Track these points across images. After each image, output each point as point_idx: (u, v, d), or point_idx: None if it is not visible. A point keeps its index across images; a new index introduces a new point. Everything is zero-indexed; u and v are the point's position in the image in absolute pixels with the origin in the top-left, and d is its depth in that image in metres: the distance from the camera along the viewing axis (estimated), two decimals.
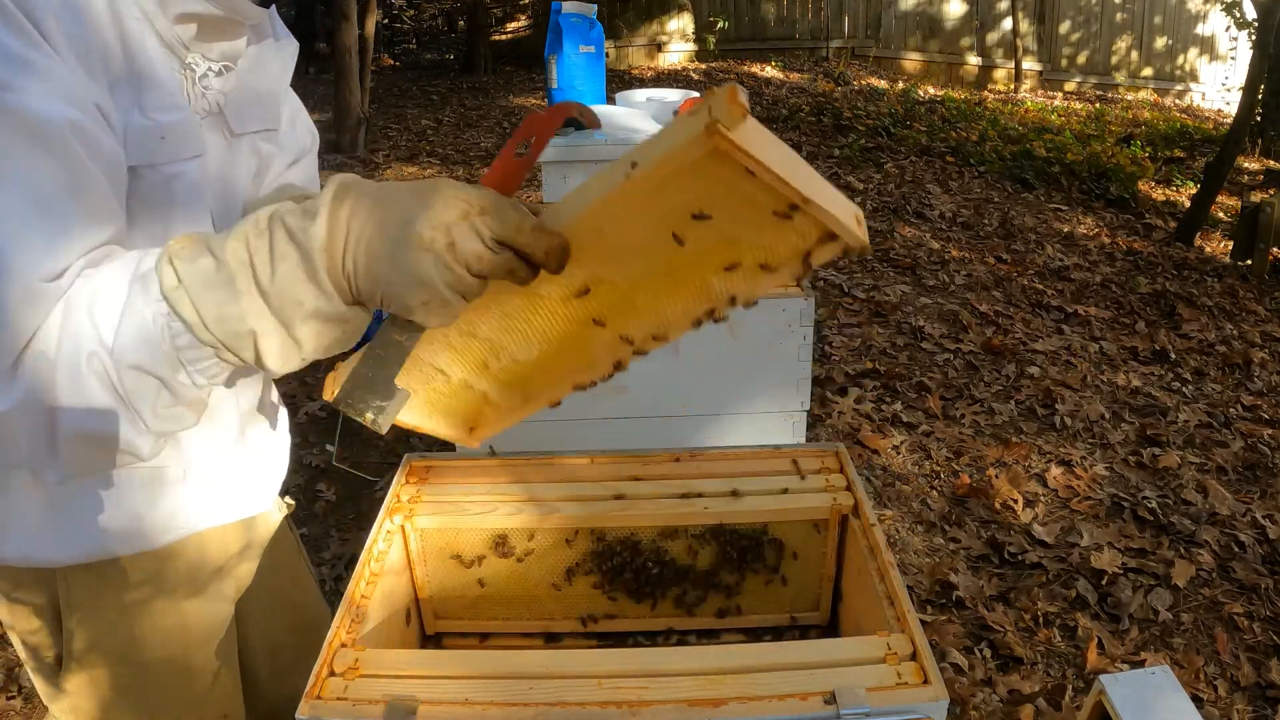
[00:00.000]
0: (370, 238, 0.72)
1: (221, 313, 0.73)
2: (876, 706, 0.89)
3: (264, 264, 0.72)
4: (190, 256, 0.73)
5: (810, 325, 1.92)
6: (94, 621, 1.05)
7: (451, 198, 0.72)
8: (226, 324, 0.73)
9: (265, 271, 0.72)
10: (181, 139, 0.91)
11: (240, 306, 0.73)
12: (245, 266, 0.72)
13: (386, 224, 0.72)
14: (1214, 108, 10.30)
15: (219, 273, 0.73)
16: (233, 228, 0.75)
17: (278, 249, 0.72)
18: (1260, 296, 5.08)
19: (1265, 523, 2.95)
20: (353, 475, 3.15)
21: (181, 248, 0.75)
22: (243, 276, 0.72)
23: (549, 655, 1.06)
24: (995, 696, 2.27)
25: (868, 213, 6.00)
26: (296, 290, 0.73)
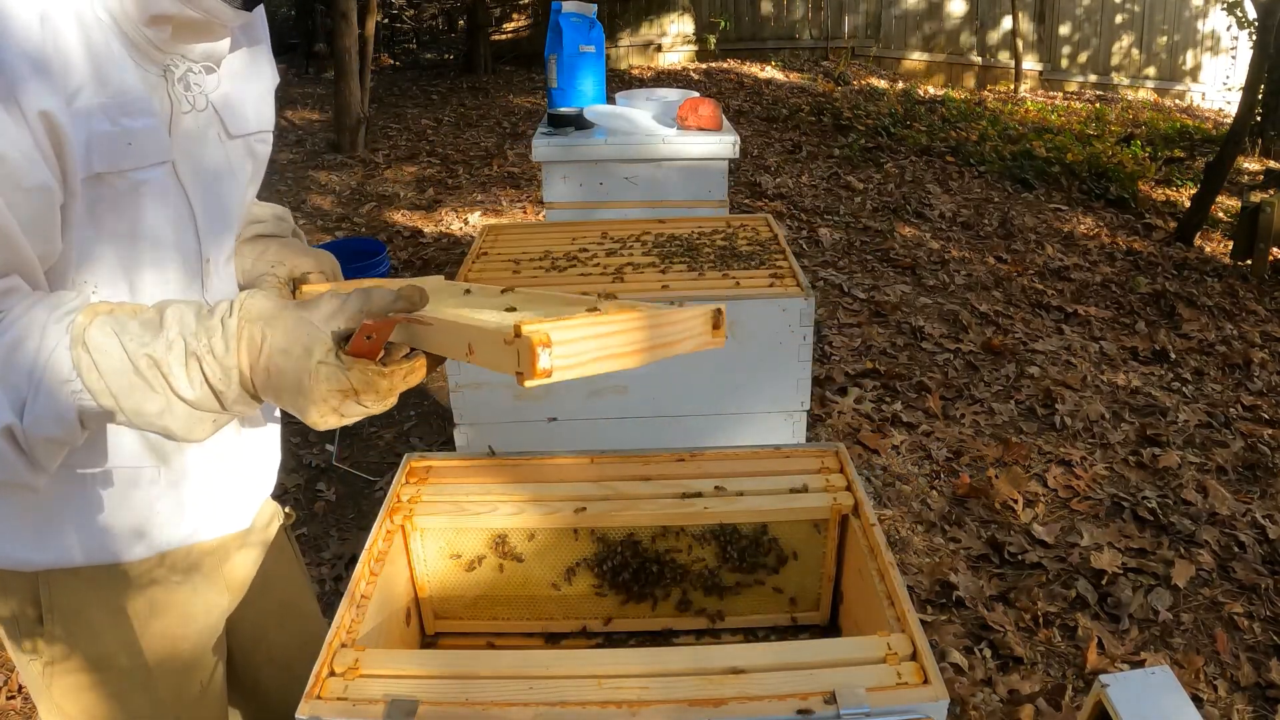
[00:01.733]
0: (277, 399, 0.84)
1: (141, 409, 0.82)
2: (876, 706, 0.89)
3: (181, 383, 0.81)
4: (102, 346, 0.80)
5: (810, 325, 1.92)
6: (76, 626, 1.05)
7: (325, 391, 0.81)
8: (143, 417, 0.82)
9: (184, 388, 0.82)
10: (149, 145, 0.90)
11: (159, 406, 0.82)
12: (160, 377, 0.81)
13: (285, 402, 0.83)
14: (1214, 108, 10.30)
15: (135, 375, 0.80)
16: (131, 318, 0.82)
17: (194, 378, 0.82)
18: (1260, 296, 5.08)
19: (1265, 523, 2.95)
20: (353, 475, 3.15)
21: (90, 329, 0.80)
22: (159, 385, 0.81)
23: (549, 655, 1.06)
24: (995, 696, 2.27)
25: (868, 212, 6.00)
26: (211, 405, 0.84)
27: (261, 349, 0.81)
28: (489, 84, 9.96)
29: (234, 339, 0.81)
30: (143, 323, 0.82)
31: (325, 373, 0.80)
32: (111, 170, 0.88)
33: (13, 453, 0.81)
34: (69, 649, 1.06)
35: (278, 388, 0.82)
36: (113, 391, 0.80)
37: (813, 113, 8.20)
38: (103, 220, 0.89)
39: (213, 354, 0.81)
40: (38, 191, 0.82)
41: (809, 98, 8.74)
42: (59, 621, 1.05)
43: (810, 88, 9.27)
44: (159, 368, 0.80)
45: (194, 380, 0.81)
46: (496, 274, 2.07)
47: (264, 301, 0.84)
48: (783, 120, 8.03)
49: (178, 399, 0.81)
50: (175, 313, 0.83)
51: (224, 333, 0.82)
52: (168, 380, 0.81)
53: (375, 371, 0.81)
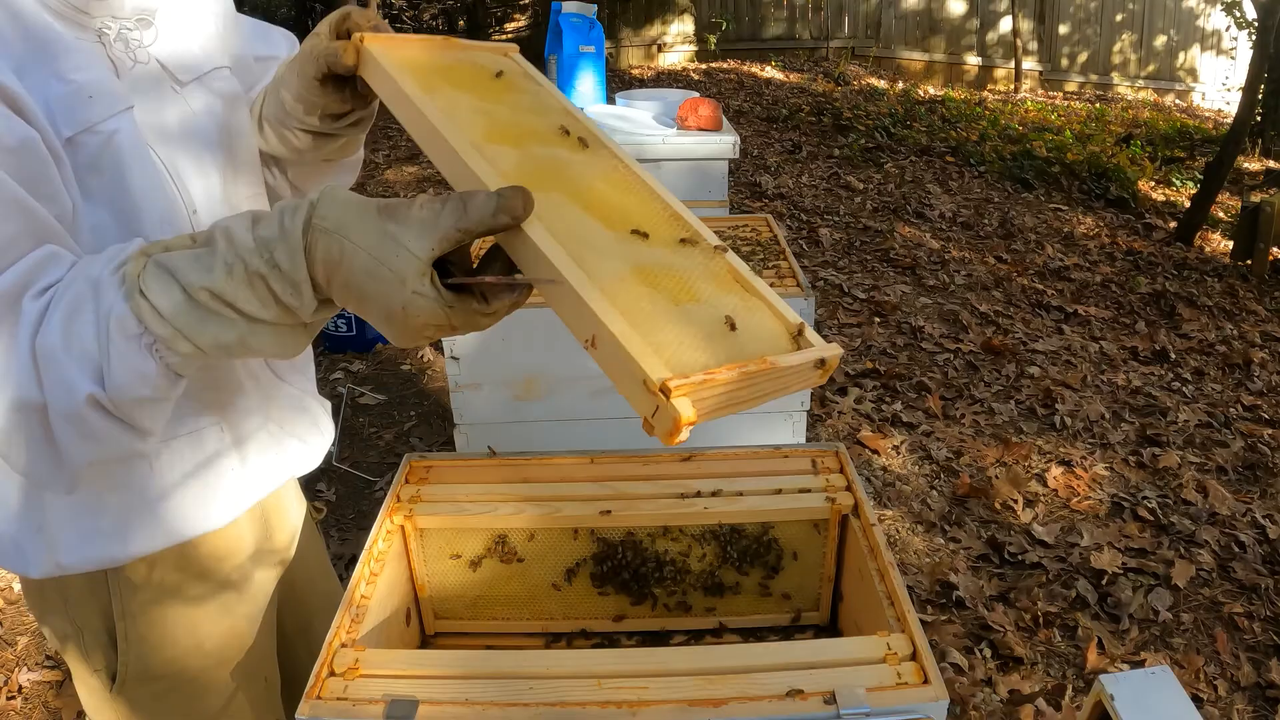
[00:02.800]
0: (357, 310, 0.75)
1: (219, 340, 0.75)
2: (876, 706, 0.89)
3: (250, 305, 0.74)
4: (159, 289, 0.74)
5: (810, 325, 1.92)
6: (148, 630, 1.04)
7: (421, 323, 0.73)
8: (225, 348, 0.76)
9: (255, 309, 0.74)
10: (108, 94, 0.88)
11: (238, 332, 0.75)
12: (227, 306, 0.74)
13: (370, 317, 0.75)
14: (1214, 108, 10.30)
15: (200, 310, 0.74)
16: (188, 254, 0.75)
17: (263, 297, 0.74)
18: (1260, 296, 5.08)
19: (1265, 523, 2.95)
20: (353, 475, 3.15)
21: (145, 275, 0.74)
22: (228, 311, 0.74)
23: (549, 655, 1.06)
24: (995, 696, 2.27)
25: (868, 212, 6.00)
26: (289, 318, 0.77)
27: (340, 264, 0.73)
28: None
29: (299, 250, 0.73)
30: (194, 255, 0.74)
31: (421, 306, 0.71)
32: (81, 129, 0.86)
33: (107, 422, 0.76)
34: (141, 656, 1.05)
35: (361, 307, 0.74)
36: (185, 334, 0.74)
37: (813, 113, 8.20)
38: (88, 184, 0.87)
39: (278, 269, 0.73)
40: (24, 149, 0.80)
41: (809, 98, 8.74)
42: (131, 627, 1.03)
43: (810, 88, 9.27)
44: (222, 298, 0.73)
45: (263, 299, 0.74)
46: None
47: (339, 205, 0.74)
48: (783, 120, 8.03)
49: (255, 322, 0.75)
50: (224, 233, 0.75)
51: (288, 244, 0.73)
52: (235, 307, 0.74)
53: (478, 310, 0.74)
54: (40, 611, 1.08)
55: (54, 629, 1.07)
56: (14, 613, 2.52)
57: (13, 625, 2.47)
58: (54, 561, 0.96)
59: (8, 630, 2.45)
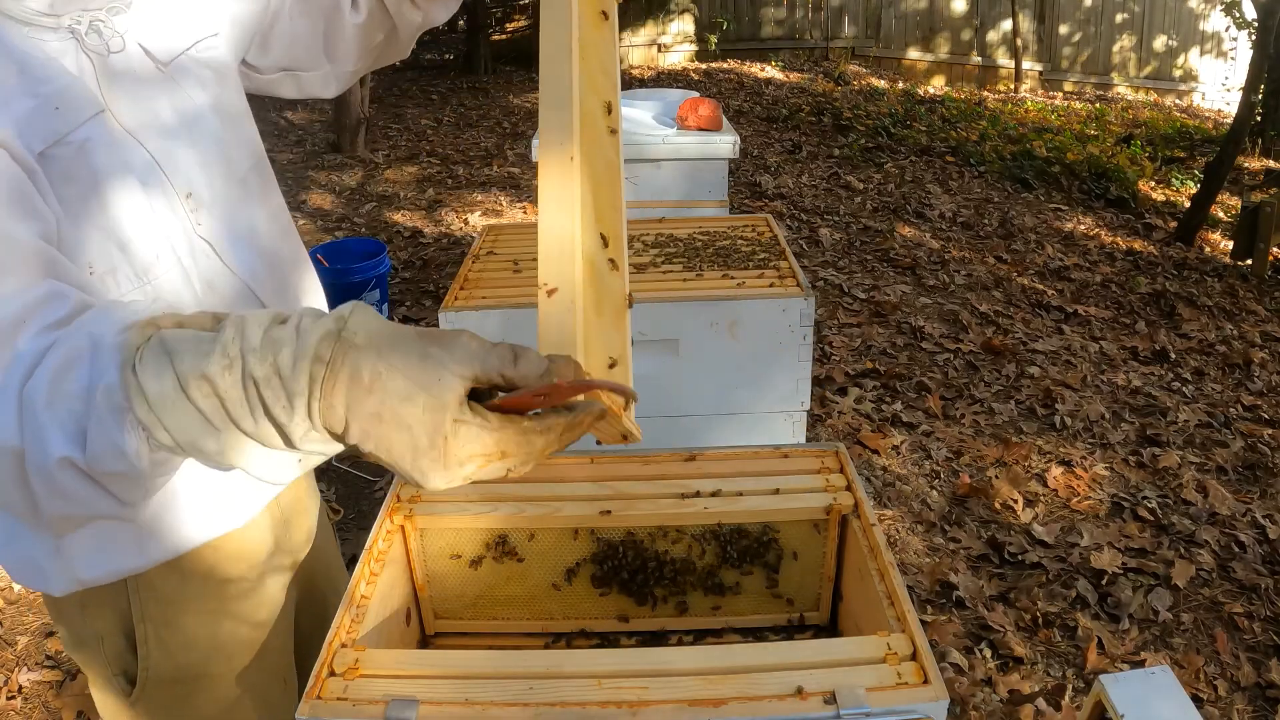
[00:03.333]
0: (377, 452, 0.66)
1: (198, 445, 0.68)
2: (876, 706, 0.89)
3: (240, 410, 0.66)
4: (153, 370, 0.66)
5: (810, 325, 1.92)
6: (169, 635, 1.04)
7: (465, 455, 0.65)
8: (204, 454, 0.69)
9: (243, 417, 0.66)
10: (76, 102, 0.87)
11: (219, 443, 0.67)
12: (216, 404, 0.66)
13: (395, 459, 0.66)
14: (1214, 108, 10.30)
15: (188, 403, 0.66)
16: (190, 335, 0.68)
17: (255, 407, 0.66)
18: (1260, 296, 5.08)
19: (1265, 523, 2.95)
20: (353, 475, 3.15)
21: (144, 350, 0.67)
22: (216, 415, 0.66)
23: (549, 655, 1.06)
24: (995, 696, 2.27)
25: (868, 212, 6.00)
26: (279, 443, 0.68)
27: (372, 389, 0.63)
28: (489, 84, 9.96)
29: (306, 358, 0.64)
30: (198, 339, 0.67)
31: (466, 433, 0.64)
32: (51, 142, 0.84)
33: (81, 485, 0.70)
34: (161, 660, 1.04)
35: (387, 442, 0.64)
36: (166, 426, 0.66)
37: (813, 113, 8.20)
38: (65, 196, 0.85)
39: (278, 375, 0.64)
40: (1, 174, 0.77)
41: (809, 98, 8.74)
42: (151, 631, 1.03)
43: (810, 88, 9.27)
44: (215, 392, 0.65)
45: (253, 408, 0.65)
46: (496, 274, 2.07)
47: (373, 322, 0.66)
48: (783, 120, 8.03)
49: (239, 432, 0.67)
50: (237, 324, 0.67)
51: (296, 350, 0.64)
52: (225, 408, 0.65)
53: (531, 428, 0.66)
54: (57, 616, 1.07)
55: (71, 634, 1.07)
56: (14, 613, 2.52)
57: (13, 625, 2.47)
58: (74, 578, 0.96)
59: (8, 630, 2.45)
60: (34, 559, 0.96)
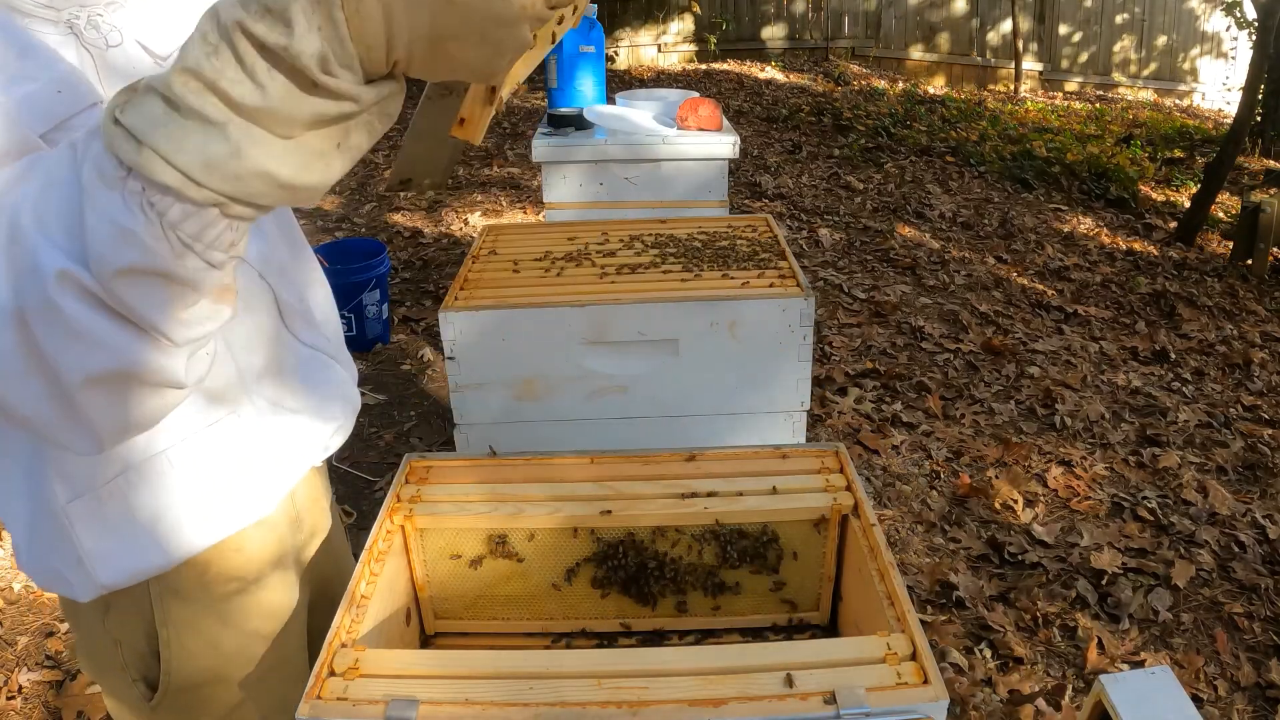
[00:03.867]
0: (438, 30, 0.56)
1: (206, 156, 0.55)
2: (876, 706, 0.89)
3: (239, 86, 0.54)
4: (137, 107, 0.55)
5: (810, 325, 1.92)
6: (190, 637, 1.03)
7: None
8: (218, 169, 0.55)
9: (246, 92, 0.54)
10: (76, 87, 0.85)
11: (227, 140, 0.55)
12: (210, 94, 0.54)
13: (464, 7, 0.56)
14: (1214, 108, 10.31)
15: (178, 112, 0.54)
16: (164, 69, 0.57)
17: (255, 65, 0.54)
18: (1260, 296, 5.08)
19: (1265, 523, 2.95)
20: (353, 475, 3.15)
21: (119, 101, 0.56)
22: (212, 106, 0.54)
23: (549, 655, 1.06)
24: (995, 696, 2.27)
25: (868, 212, 6.00)
26: (300, 106, 0.55)
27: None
28: None
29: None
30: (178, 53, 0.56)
31: None
32: (51, 126, 0.82)
33: (92, 313, 0.58)
34: (184, 663, 1.04)
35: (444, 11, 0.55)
36: (162, 152, 0.54)
37: (813, 113, 8.20)
38: None
39: (266, 7, 0.53)
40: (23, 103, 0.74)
41: (809, 98, 8.75)
42: (174, 634, 1.02)
43: (810, 88, 9.27)
44: (203, 82, 0.53)
45: (251, 65, 0.53)
46: (496, 274, 2.07)
47: None
48: (783, 120, 8.03)
49: (244, 118, 0.54)
50: (208, 14, 0.55)
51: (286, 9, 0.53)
52: (220, 91, 0.53)
53: None
54: (75, 623, 1.06)
55: (87, 642, 1.06)
56: (14, 613, 2.52)
57: (13, 625, 2.47)
58: (97, 584, 0.96)
59: (8, 630, 2.45)
60: (56, 568, 0.96)
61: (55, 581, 0.97)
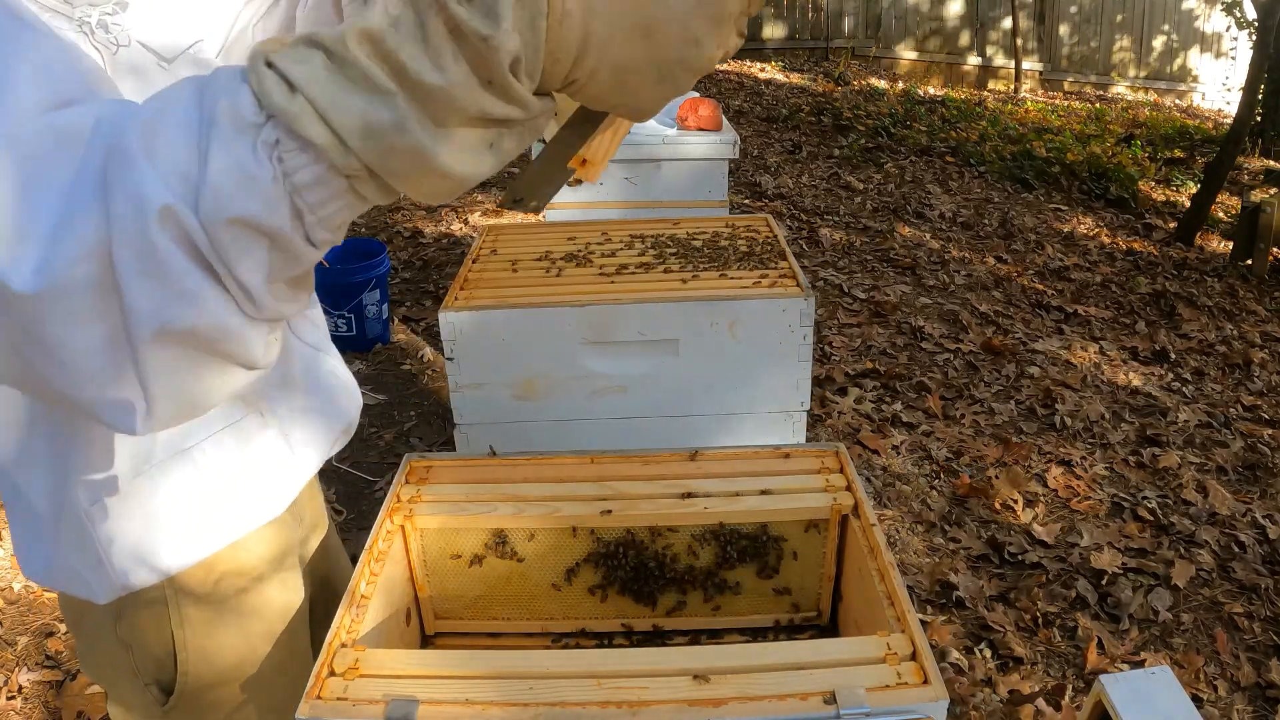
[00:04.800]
0: (626, 62, 0.55)
1: (368, 122, 0.51)
2: (876, 706, 0.89)
3: (418, 63, 0.51)
4: (296, 56, 0.52)
5: (810, 325, 1.92)
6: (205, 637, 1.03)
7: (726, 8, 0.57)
8: (376, 137, 0.52)
9: (424, 68, 0.51)
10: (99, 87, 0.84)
11: (395, 110, 0.51)
12: (384, 64, 0.51)
13: (658, 46, 0.55)
14: (1214, 108, 10.31)
15: (346, 74, 0.51)
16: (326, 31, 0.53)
17: (440, 46, 0.51)
18: (1260, 296, 5.09)
19: (1265, 523, 2.95)
20: (353, 475, 3.15)
21: (279, 47, 0.53)
22: (385, 76, 0.51)
23: (549, 655, 1.06)
24: (995, 696, 2.27)
25: (868, 212, 6.00)
26: (474, 98, 0.52)
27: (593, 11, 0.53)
28: None
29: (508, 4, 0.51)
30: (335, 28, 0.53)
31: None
32: None
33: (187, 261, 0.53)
34: (200, 664, 1.03)
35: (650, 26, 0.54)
36: (321, 109, 0.51)
37: (813, 113, 8.20)
38: None
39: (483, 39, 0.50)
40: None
41: (809, 98, 8.75)
42: (190, 635, 1.01)
43: (810, 88, 9.27)
44: (379, 44, 0.51)
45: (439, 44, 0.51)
46: (496, 274, 2.07)
47: None
48: (783, 120, 8.03)
49: (414, 91, 0.51)
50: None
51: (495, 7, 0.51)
52: (397, 62, 0.51)
53: None
54: (79, 629, 1.05)
55: (95, 647, 1.05)
56: (14, 613, 2.52)
57: (13, 625, 2.47)
58: (118, 584, 0.95)
59: (8, 630, 2.45)
60: (76, 570, 0.95)
61: (72, 583, 0.96)
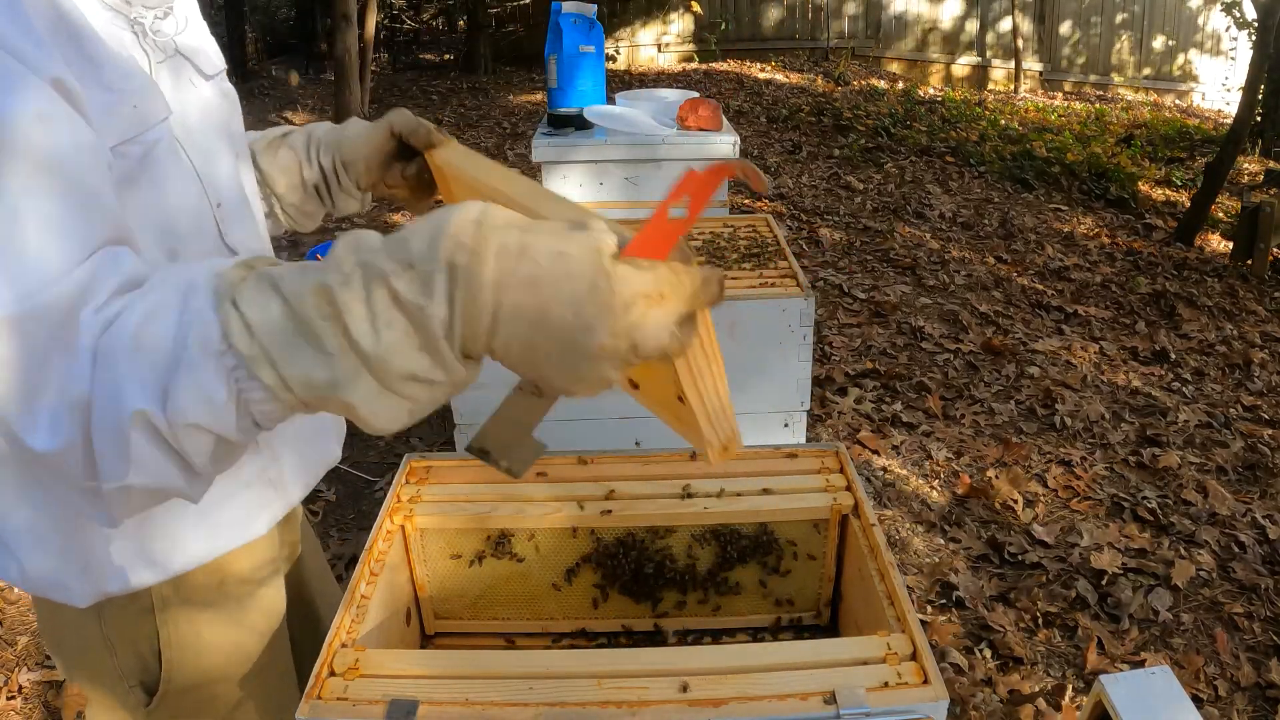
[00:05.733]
0: (532, 338, 0.62)
1: (309, 378, 0.62)
2: (876, 706, 0.89)
3: (361, 325, 0.60)
4: (257, 301, 0.62)
5: (810, 325, 1.92)
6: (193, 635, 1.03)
7: (629, 294, 0.60)
8: (314, 389, 0.62)
9: (364, 333, 0.60)
10: (151, 102, 0.86)
11: (332, 372, 0.61)
12: (331, 323, 0.61)
13: (554, 328, 0.61)
14: (1214, 108, 10.31)
15: (297, 327, 0.61)
16: (296, 267, 0.64)
17: (380, 313, 0.60)
18: (1260, 296, 5.08)
19: (1265, 523, 2.95)
20: (353, 475, 3.15)
21: (243, 285, 0.63)
22: (330, 336, 0.61)
23: (549, 655, 1.06)
24: (995, 696, 2.27)
25: (868, 212, 6.00)
26: (405, 361, 0.61)
27: (521, 255, 0.60)
28: (489, 84, 9.96)
29: (440, 236, 0.60)
30: (304, 267, 0.64)
31: (623, 273, 0.60)
32: (125, 139, 0.83)
33: (157, 449, 0.65)
34: (185, 664, 1.03)
35: (544, 310, 0.60)
36: (271, 357, 0.61)
37: (813, 113, 8.20)
38: (123, 197, 0.83)
39: (410, 266, 0.59)
40: (91, 150, 0.75)
41: (809, 98, 8.75)
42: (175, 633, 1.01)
43: (810, 88, 9.28)
44: (332, 303, 0.60)
45: (380, 311, 0.60)
46: None
47: (506, 211, 0.63)
48: (783, 120, 8.03)
49: (353, 355, 0.61)
50: (347, 241, 0.63)
51: (430, 233, 0.60)
52: (342, 321, 0.60)
53: (676, 268, 0.62)
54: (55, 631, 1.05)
55: (73, 649, 1.04)
56: (14, 613, 2.52)
57: (13, 625, 2.47)
58: (99, 590, 0.95)
59: (8, 630, 2.45)
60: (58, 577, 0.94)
61: (52, 588, 0.96)
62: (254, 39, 12.68)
